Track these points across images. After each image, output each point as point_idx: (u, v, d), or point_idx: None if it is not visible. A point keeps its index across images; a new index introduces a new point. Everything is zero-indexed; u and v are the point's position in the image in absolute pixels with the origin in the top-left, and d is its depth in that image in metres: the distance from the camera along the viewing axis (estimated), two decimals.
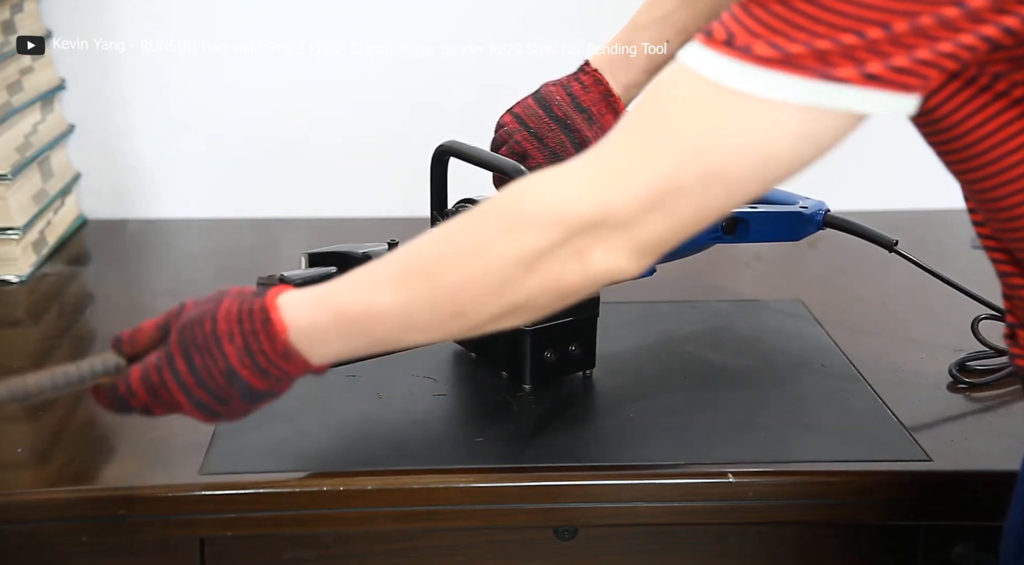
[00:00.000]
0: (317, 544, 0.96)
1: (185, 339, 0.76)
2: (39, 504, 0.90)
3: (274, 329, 0.75)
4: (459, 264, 0.72)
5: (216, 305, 0.77)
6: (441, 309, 0.73)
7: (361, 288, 0.75)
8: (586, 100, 1.07)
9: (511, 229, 0.71)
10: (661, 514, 0.93)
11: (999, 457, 0.96)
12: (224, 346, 0.76)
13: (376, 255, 0.99)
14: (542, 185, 0.72)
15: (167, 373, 0.77)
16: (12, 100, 1.38)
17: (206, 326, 0.76)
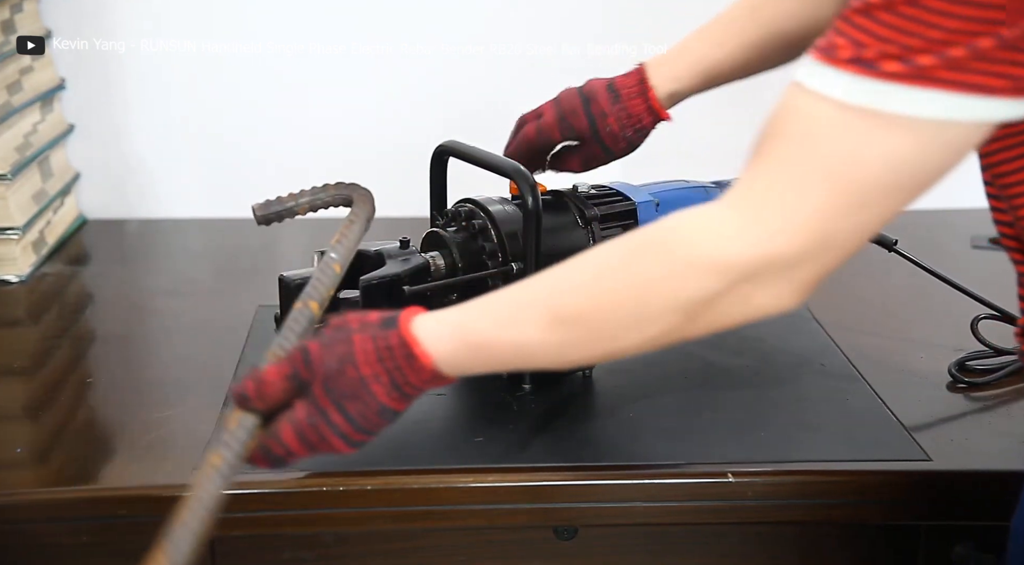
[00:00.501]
0: (317, 544, 0.96)
1: (334, 391, 0.75)
2: (39, 504, 0.90)
3: (419, 363, 0.75)
4: (614, 312, 0.72)
5: (350, 347, 0.75)
6: (593, 350, 0.74)
7: (505, 323, 0.74)
8: (619, 82, 1.07)
9: (669, 278, 0.70)
10: (661, 514, 0.93)
11: (999, 457, 0.96)
12: (372, 388, 0.75)
13: (388, 253, 0.99)
14: (694, 231, 0.70)
15: (325, 428, 0.75)
16: (12, 100, 1.38)
17: (350, 373, 0.75)
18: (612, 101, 1.05)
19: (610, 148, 1.06)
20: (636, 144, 1.07)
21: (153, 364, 1.18)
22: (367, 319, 0.77)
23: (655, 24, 1.55)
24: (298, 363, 0.75)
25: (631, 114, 1.05)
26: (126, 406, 1.04)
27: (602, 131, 1.05)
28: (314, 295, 0.82)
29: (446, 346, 0.75)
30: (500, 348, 0.75)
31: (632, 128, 1.05)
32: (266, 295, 1.14)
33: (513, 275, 1.01)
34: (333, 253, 0.86)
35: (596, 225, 1.07)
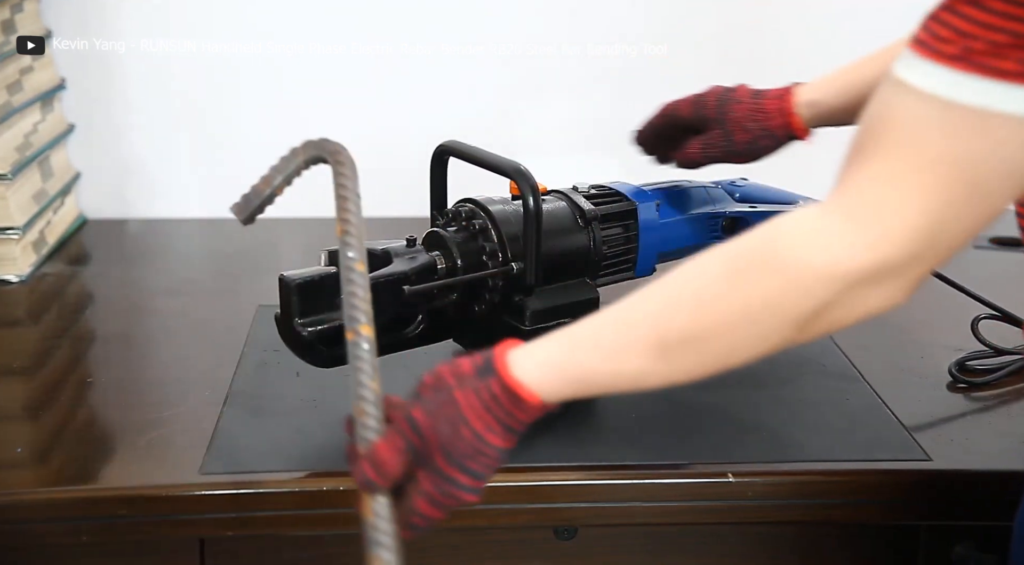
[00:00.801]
0: (317, 544, 0.96)
1: (454, 456, 0.73)
2: (39, 504, 0.90)
3: (527, 404, 0.73)
4: (727, 333, 0.70)
5: (456, 408, 0.73)
6: (702, 370, 0.72)
7: (609, 355, 0.72)
8: (769, 90, 1.08)
9: (782, 294, 0.68)
10: (661, 514, 0.93)
11: (999, 457, 0.96)
12: (489, 440, 0.73)
13: (395, 252, 0.99)
14: (802, 242, 0.67)
15: (456, 491, 0.74)
16: (12, 100, 1.38)
17: (465, 434, 0.73)
18: (752, 95, 1.07)
19: (731, 134, 1.06)
20: (760, 147, 1.07)
21: (153, 364, 1.18)
22: (462, 371, 0.75)
23: (655, 24, 1.55)
24: (409, 435, 0.73)
25: (763, 110, 1.06)
26: (126, 406, 1.04)
27: (728, 113, 1.06)
28: (359, 317, 0.76)
29: (551, 384, 0.73)
30: (606, 379, 0.73)
31: (759, 123, 1.06)
32: (266, 295, 1.14)
33: (513, 275, 1.01)
34: (349, 251, 0.80)
35: (596, 225, 1.07)
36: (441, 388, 0.74)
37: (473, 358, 0.75)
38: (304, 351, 0.95)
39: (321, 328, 0.94)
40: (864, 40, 1.57)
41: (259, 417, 1.00)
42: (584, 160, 1.52)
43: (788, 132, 1.06)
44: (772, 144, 1.07)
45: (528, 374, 0.73)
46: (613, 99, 1.56)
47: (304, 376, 1.04)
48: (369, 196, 1.64)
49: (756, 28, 1.57)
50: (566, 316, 1.03)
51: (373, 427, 0.73)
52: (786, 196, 1.21)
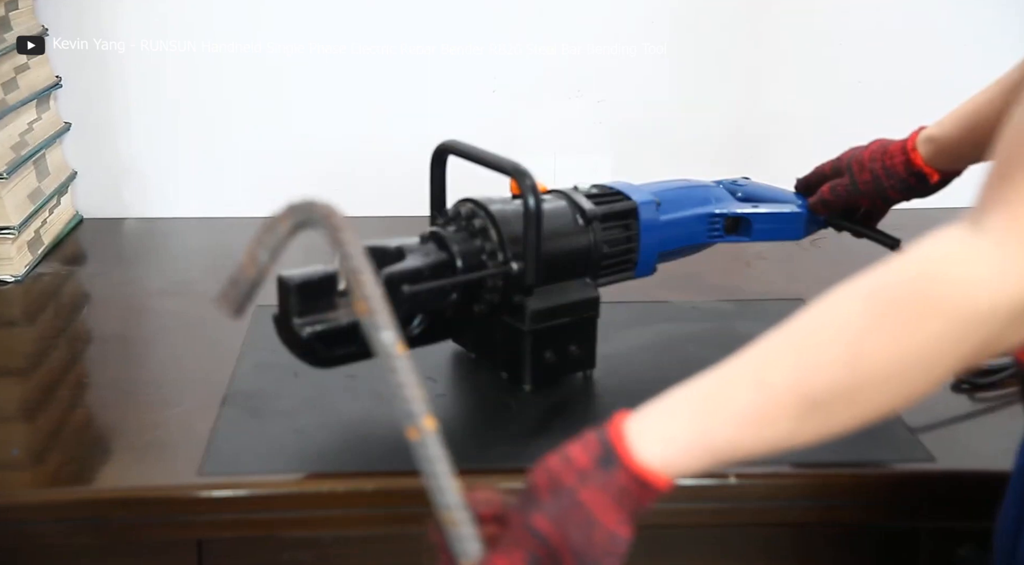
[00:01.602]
0: (316, 545, 0.95)
1: (587, 561, 0.67)
2: (37, 505, 0.89)
3: (657, 490, 0.67)
4: (884, 384, 0.64)
5: (586, 512, 0.67)
6: (856, 422, 0.66)
7: (752, 424, 0.66)
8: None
9: (944, 336, 0.62)
10: (662, 515, 0.92)
11: (1002, 457, 0.95)
12: (621, 535, 0.67)
13: (408, 249, 0.99)
14: (958, 278, 0.63)
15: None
16: (7, 98, 1.37)
17: (599, 538, 0.67)
18: (883, 140, 1.12)
19: (855, 174, 1.11)
20: (884, 186, 1.10)
21: (150, 364, 1.17)
22: (580, 466, 0.68)
23: (655, 24, 1.55)
24: (535, 549, 0.67)
25: (886, 149, 1.10)
26: (123, 406, 1.04)
27: (854, 156, 1.12)
28: (418, 410, 0.68)
29: (680, 462, 0.67)
30: (745, 447, 0.67)
31: (881, 162, 1.09)
32: (265, 295, 1.13)
33: (513, 275, 1.00)
34: (383, 334, 0.70)
35: (596, 224, 1.07)
36: (561, 490, 0.68)
37: (586, 445, 0.69)
38: (302, 351, 0.94)
39: (319, 328, 0.93)
40: (864, 39, 1.58)
41: (257, 418, 1.00)
42: (584, 160, 1.52)
43: (911, 169, 1.08)
44: (897, 183, 1.10)
45: (655, 457, 0.67)
46: (613, 99, 1.56)
47: (302, 376, 1.03)
48: (369, 196, 1.65)
49: (756, 28, 1.57)
50: (566, 316, 1.03)
51: (470, 536, 0.66)
52: (787, 196, 1.21)
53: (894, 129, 1.61)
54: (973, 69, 1.60)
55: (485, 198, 1.04)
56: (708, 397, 0.67)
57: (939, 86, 1.61)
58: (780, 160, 1.59)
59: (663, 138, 1.57)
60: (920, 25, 1.59)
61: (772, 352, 0.67)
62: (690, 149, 1.56)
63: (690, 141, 1.57)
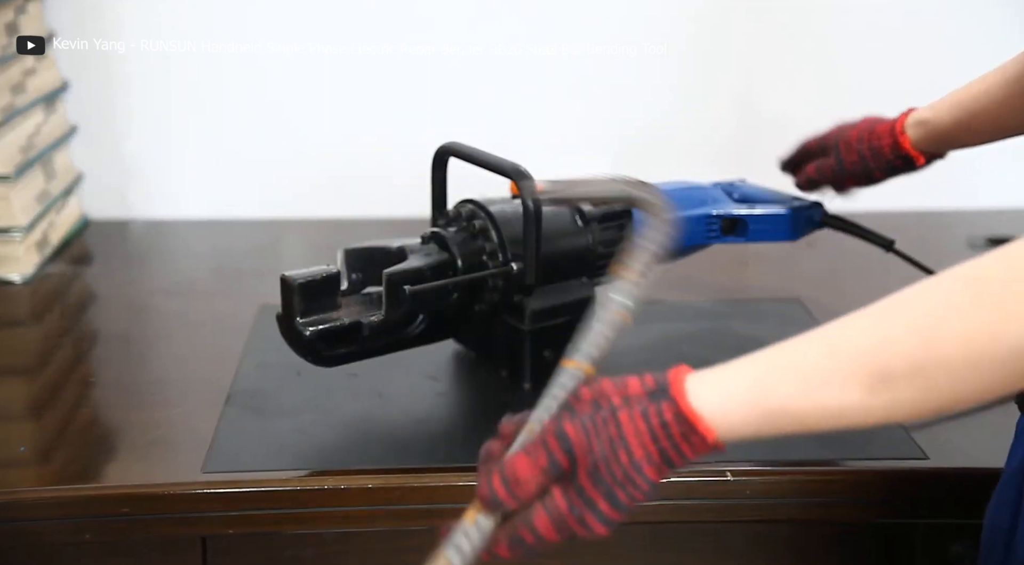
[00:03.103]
0: (318, 542, 0.96)
1: (603, 480, 0.66)
2: (42, 502, 0.90)
3: (699, 439, 0.65)
4: (963, 367, 0.60)
5: (619, 428, 0.66)
6: (925, 407, 0.62)
7: (816, 386, 0.63)
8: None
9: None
10: (659, 512, 0.94)
11: (996, 455, 0.96)
12: (645, 471, 0.66)
13: (410, 249, 1.00)
14: None
15: (590, 517, 0.67)
16: (15, 101, 1.38)
17: (623, 459, 0.65)
18: (870, 119, 1.10)
19: (841, 155, 1.09)
20: (871, 168, 1.09)
21: (155, 363, 1.18)
22: (629, 392, 0.67)
23: (655, 24, 1.56)
24: (556, 452, 0.66)
25: (873, 130, 1.08)
26: (128, 405, 1.05)
27: (841, 136, 1.10)
28: (590, 353, 0.71)
29: (734, 418, 0.65)
30: (803, 415, 0.64)
31: (868, 144, 1.08)
32: (267, 295, 1.14)
33: (513, 275, 1.01)
34: (619, 295, 0.72)
35: (596, 225, 1.08)
36: (603, 405, 0.67)
37: (643, 378, 0.68)
38: (305, 351, 0.95)
39: (322, 328, 0.94)
40: (864, 39, 1.58)
41: (260, 416, 1.01)
42: (584, 160, 1.53)
43: (898, 152, 1.07)
44: (884, 165, 1.08)
45: (709, 404, 0.65)
46: (613, 99, 1.57)
47: (305, 375, 1.04)
48: (370, 196, 1.66)
49: (756, 28, 1.57)
50: (566, 316, 1.03)
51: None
52: (783, 197, 1.21)
53: None
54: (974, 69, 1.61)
55: (485, 199, 1.05)
56: (774, 357, 0.65)
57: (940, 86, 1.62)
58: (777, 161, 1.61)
59: (662, 138, 1.58)
60: (921, 25, 1.59)
61: (850, 321, 0.64)
62: (690, 149, 1.57)
63: (689, 141, 1.58)
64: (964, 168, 1.65)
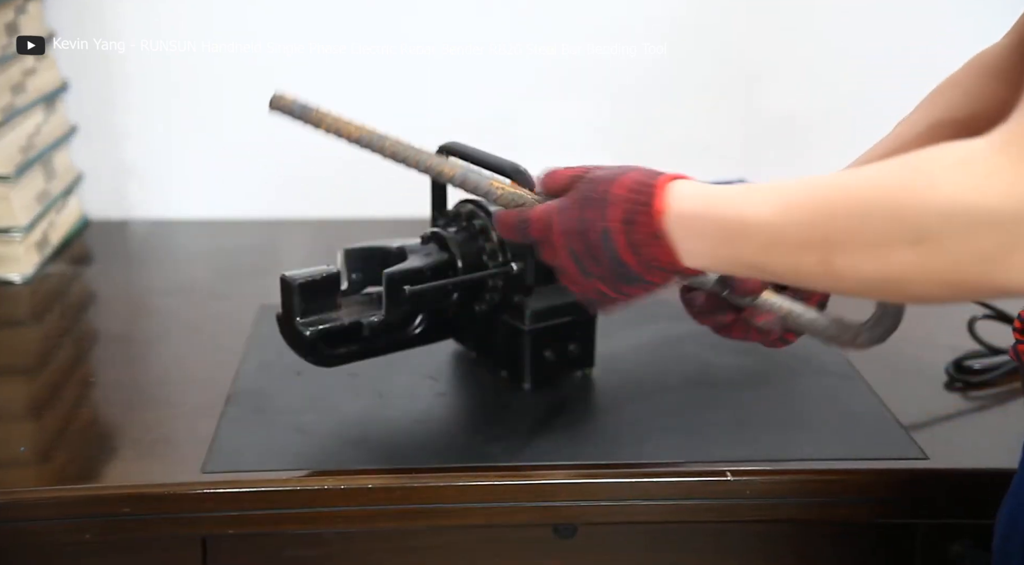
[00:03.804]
0: (318, 542, 0.96)
1: (583, 191, 0.77)
2: (42, 502, 0.90)
3: (655, 206, 0.73)
4: (852, 210, 0.64)
5: (623, 172, 0.76)
6: (815, 236, 0.66)
7: (745, 195, 0.70)
8: None
9: (918, 188, 0.62)
10: (660, 512, 0.94)
11: (996, 455, 0.96)
12: (609, 208, 0.74)
13: (410, 249, 1.01)
14: (956, 176, 0.61)
15: (557, 215, 0.78)
16: (15, 101, 1.38)
17: (602, 186, 0.76)
18: None
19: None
20: None
21: (155, 363, 1.18)
22: (654, 171, 0.76)
23: (655, 24, 1.56)
24: (585, 169, 0.79)
25: None
26: (128, 405, 1.05)
27: None
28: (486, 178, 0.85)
29: (685, 203, 0.72)
30: (730, 218, 0.69)
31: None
32: (268, 295, 1.14)
33: (513, 275, 1.01)
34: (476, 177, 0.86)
35: None
36: (635, 166, 0.77)
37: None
38: (305, 351, 0.95)
39: (322, 328, 0.94)
40: (863, 39, 1.58)
41: (261, 416, 1.01)
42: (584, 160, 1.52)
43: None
44: None
45: (678, 187, 0.73)
46: (613, 99, 1.57)
47: (305, 375, 1.04)
48: (370, 196, 1.66)
49: (756, 28, 1.57)
50: (566, 316, 1.04)
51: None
52: None
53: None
54: None
55: None
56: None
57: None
58: (779, 161, 1.61)
59: (662, 138, 1.58)
60: (922, 25, 1.59)
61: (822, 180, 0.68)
62: (690, 149, 1.57)
63: (690, 141, 1.58)
64: None
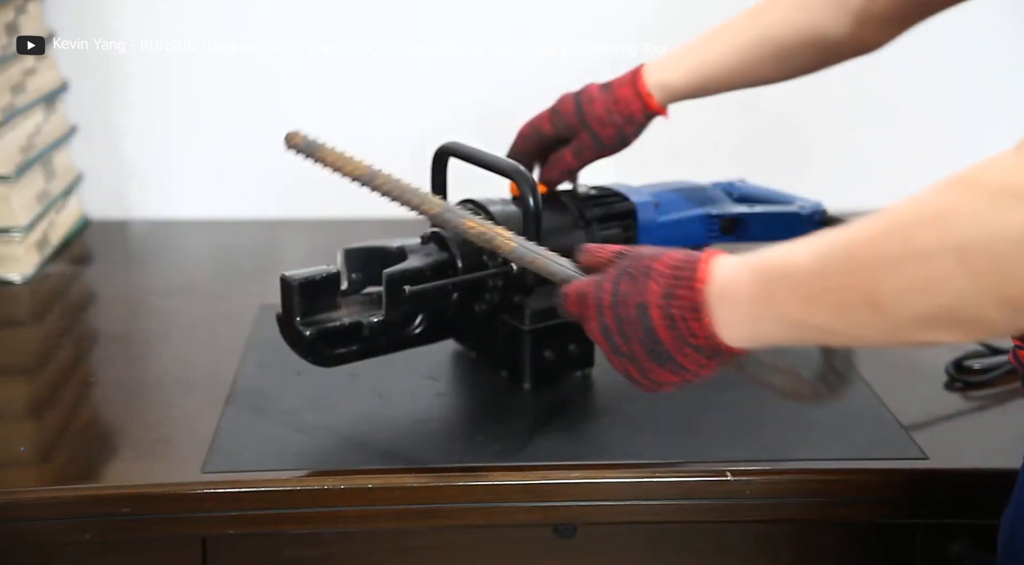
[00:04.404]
0: (318, 542, 0.96)
1: (624, 267, 0.75)
2: (42, 502, 0.90)
3: (698, 277, 0.71)
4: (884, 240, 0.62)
5: (666, 250, 0.75)
6: (859, 274, 0.62)
7: (784, 247, 0.68)
8: (614, 79, 1.09)
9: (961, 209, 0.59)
10: (660, 512, 0.94)
11: (996, 455, 0.96)
12: (650, 282, 0.73)
13: (410, 249, 1.01)
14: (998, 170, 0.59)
15: (591, 288, 0.77)
16: (15, 101, 1.38)
17: (644, 262, 0.74)
18: (602, 89, 1.08)
19: (598, 133, 1.07)
20: (627, 134, 1.08)
21: (155, 363, 1.18)
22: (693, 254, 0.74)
23: (655, 24, 1.56)
24: (616, 253, 0.78)
25: (618, 99, 1.07)
26: (128, 405, 1.05)
27: (589, 114, 1.07)
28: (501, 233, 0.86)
29: (727, 273, 0.70)
30: (769, 270, 0.67)
31: (620, 113, 1.06)
32: (267, 295, 1.14)
33: (513, 275, 1.01)
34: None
35: (596, 225, 1.08)
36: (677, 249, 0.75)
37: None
38: (305, 351, 0.95)
39: (322, 328, 0.94)
40: None
41: (260, 416, 1.01)
42: None
43: (647, 113, 1.07)
44: (636, 129, 1.09)
45: (721, 259, 0.71)
46: None
47: (305, 375, 1.04)
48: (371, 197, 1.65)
49: None
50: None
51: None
52: (783, 197, 1.22)
53: (893, 128, 1.63)
54: (973, 68, 1.61)
55: (485, 199, 1.05)
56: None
57: (938, 85, 1.62)
58: (780, 161, 1.61)
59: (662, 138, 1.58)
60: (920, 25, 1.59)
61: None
62: (690, 149, 1.57)
63: (690, 141, 1.58)
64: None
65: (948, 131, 1.62)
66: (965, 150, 1.17)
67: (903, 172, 1.64)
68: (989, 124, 1.58)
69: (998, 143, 1.29)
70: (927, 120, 1.62)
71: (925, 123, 1.62)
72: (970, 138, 1.62)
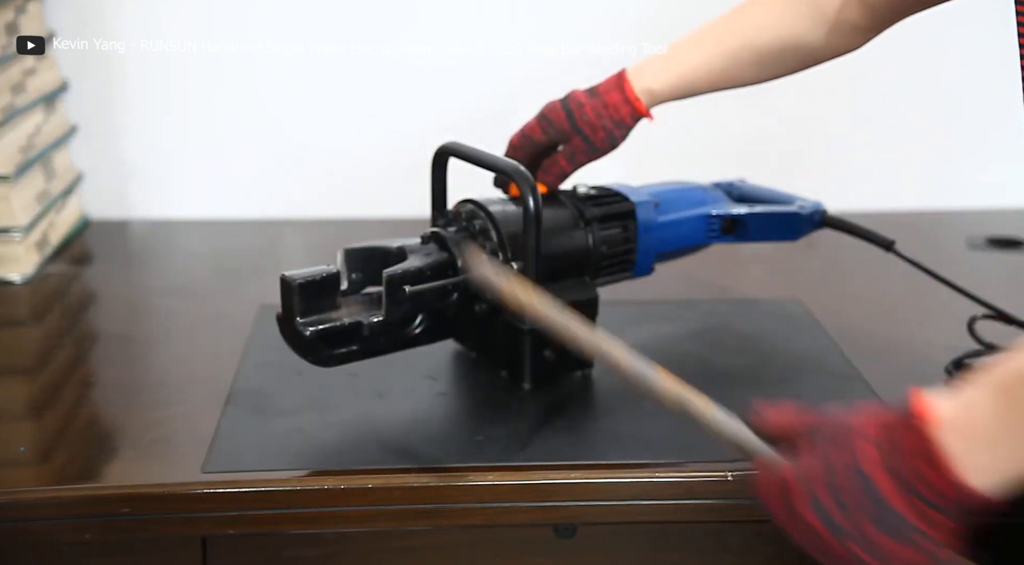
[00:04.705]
0: (318, 542, 0.96)
1: (821, 436, 0.72)
2: (42, 502, 0.90)
3: (915, 414, 0.67)
4: None
5: (855, 408, 0.72)
6: None
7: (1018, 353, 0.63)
8: (599, 84, 1.10)
9: None
10: (660, 512, 0.94)
11: None
12: (857, 440, 0.70)
13: (410, 249, 1.01)
14: None
15: (791, 471, 0.72)
16: (15, 101, 1.38)
17: (842, 423, 0.72)
18: (589, 95, 1.09)
19: (589, 137, 1.08)
20: (616, 137, 1.09)
21: (155, 363, 1.18)
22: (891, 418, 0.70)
23: (655, 24, 1.56)
24: (809, 420, 0.75)
25: (607, 103, 1.08)
26: (128, 405, 1.05)
27: (580, 120, 1.08)
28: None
29: (952, 400, 0.65)
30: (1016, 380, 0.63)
31: (609, 117, 1.08)
32: (268, 295, 1.14)
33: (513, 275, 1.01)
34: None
35: (596, 225, 1.08)
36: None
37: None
38: (305, 350, 0.95)
39: (322, 328, 0.94)
40: None
41: (261, 416, 1.01)
42: None
43: (636, 117, 1.09)
44: (624, 133, 1.10)
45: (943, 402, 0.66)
46: None
47: (305, 375, 1.04)
48: (370, 197, 1.66)
49: None
50: None
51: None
52: (783, 196, 1.22)
53: (893, 128, 1.63)
54: (970, 67, 1.61)
55: (485, 199, 1.06)
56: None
57: (937, 84, 1.62)
58: (780, 161, 1.61)
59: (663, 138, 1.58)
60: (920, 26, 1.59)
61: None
62: (690, 149, 1.57)
63: (690, 141, 1.58)
64: (964, 168, 1.65)
65: (947, 132, 1.62)
66: (964, 151, 1.18)
67: (903, 173, 1.65)
68: (988, 124, 1.58)
69: (997, 143, 1.30)
70: (926, 121, 1.62)
71: (924, 124, 1.62)
72: (969, 139, 1.62)
